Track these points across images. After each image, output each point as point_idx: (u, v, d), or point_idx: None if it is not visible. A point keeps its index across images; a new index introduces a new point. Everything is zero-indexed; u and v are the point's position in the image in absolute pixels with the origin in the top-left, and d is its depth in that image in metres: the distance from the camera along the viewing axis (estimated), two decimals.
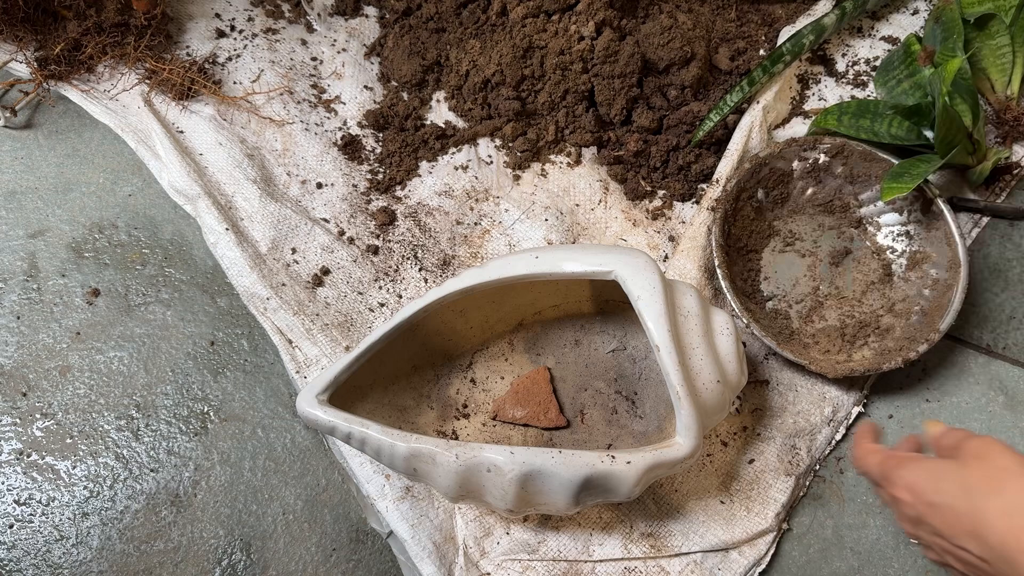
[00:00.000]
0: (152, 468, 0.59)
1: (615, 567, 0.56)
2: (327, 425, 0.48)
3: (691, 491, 0.58)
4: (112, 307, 0.65)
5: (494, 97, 0.73)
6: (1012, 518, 0.36)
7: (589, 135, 0.72)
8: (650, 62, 0.72)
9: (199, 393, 0.62)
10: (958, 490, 0.39)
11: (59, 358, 0.62)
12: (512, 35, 0.71)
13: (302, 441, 0.61)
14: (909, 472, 0.42)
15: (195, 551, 0.57)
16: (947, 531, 0.39)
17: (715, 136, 0.71)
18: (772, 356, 0.64)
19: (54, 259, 0.66)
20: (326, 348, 0.62)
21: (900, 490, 0.43)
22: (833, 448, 0.61)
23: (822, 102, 0.75)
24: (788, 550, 0.58)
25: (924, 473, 0.42)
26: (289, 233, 0.67)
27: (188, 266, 0.67)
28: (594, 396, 0.59)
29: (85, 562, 0.56)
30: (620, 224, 0.70)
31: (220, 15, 0.80)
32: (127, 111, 0.72)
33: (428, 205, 0.71)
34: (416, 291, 0.66)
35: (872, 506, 0.60)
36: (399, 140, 0.74)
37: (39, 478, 0.58)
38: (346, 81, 0.78)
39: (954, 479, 0.40)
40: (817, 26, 0.73)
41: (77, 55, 0.73)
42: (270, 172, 0.71)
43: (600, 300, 0.61)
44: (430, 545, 0.55)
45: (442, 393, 0.59)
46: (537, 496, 0.46)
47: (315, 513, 0.59)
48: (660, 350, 0.47)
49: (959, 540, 0.39)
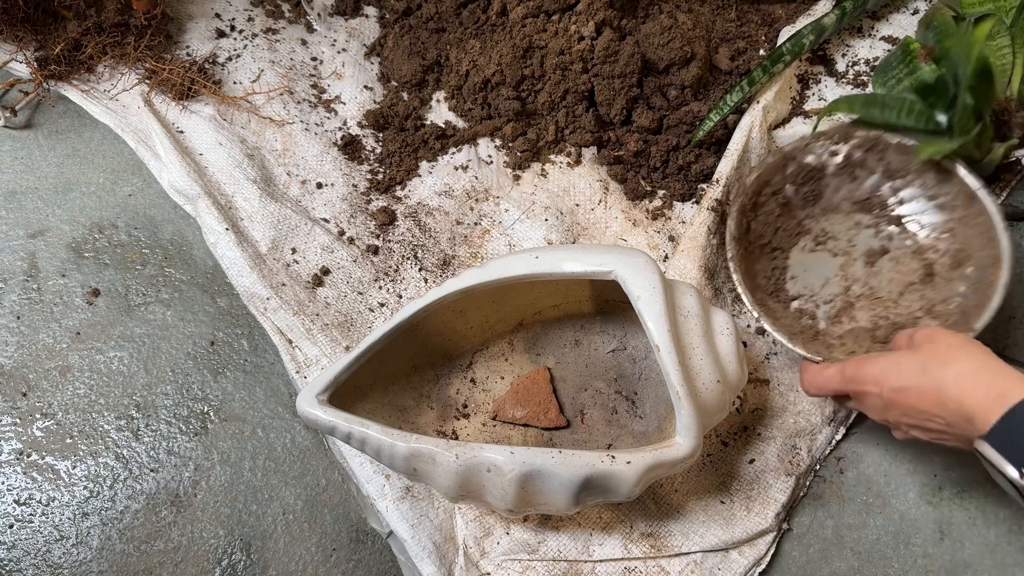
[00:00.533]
0: (152, 468, 0.59)
1: (615, 567, 0.56)
2: (327, 425, 0.48)
3: (691, 491, 0.58)
4: (112, 307, 0.65)
5: (494, 97, 0.73)
6: (963, 383, 0.44)
7: (589, 135, 0.72)
8: (650, 62, 0.72)
9: (199, 393, 0.62)
10: (918, 371, 0.46)
11: (59, 358, 0.62)
12: (512, 35, 0.71)
13: (302, 441, 0.61)
14: (872, 367, 0.49)
15: (195, 551, 0.57)
16: (915, 407, 0.46)
17: (715, 136, 0.71)
18: (773, 356, 0.64)
19: (54, 259, 0.66)
20: (326, 348, 0.62)
21: (867, 384, 0.49)
22: (833, 448, 0.61)
23: (822, 102, 0.75)
24: (788, 550, 0.58)
25: (885, 364, 0.48)
26: (289, 233, 0.67)
27: (188, 266, 0.67)
28: (594, 396, 0.59)
29: (85, 562, 0.56)
30: (620, 224, 0.70)
31: (220, 15, 0.80)
32: (127, 111, 0.72)
33: (428, 205, 0.71)
34: (416, 291, 0.66)
35: (872, 506, 0.60)
36: (399, 140, 0.74)
37: (39, 478, 0.58)
38: (346, 81, 0.78)
39: (912, 363, 0.46)
40: (817, 26, 0.73)
41: (77, 55, 0.73)
42: (270, 172, 0.71)
43: (600, 300, 0.61)
44: (430, 545, 0.55)
45: (442, 393, 0.59)
46: (537, 496, 0.46)
47: (315, 513, 0.59)
48: (660, 350, 0.47)
49: (927, 413, 0.45)
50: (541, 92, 0.72)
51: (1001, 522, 0.59)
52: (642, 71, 0.72)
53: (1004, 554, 0.58)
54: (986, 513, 0.59)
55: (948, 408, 0.44)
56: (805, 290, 0.64)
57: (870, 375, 0.49)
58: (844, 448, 0.62)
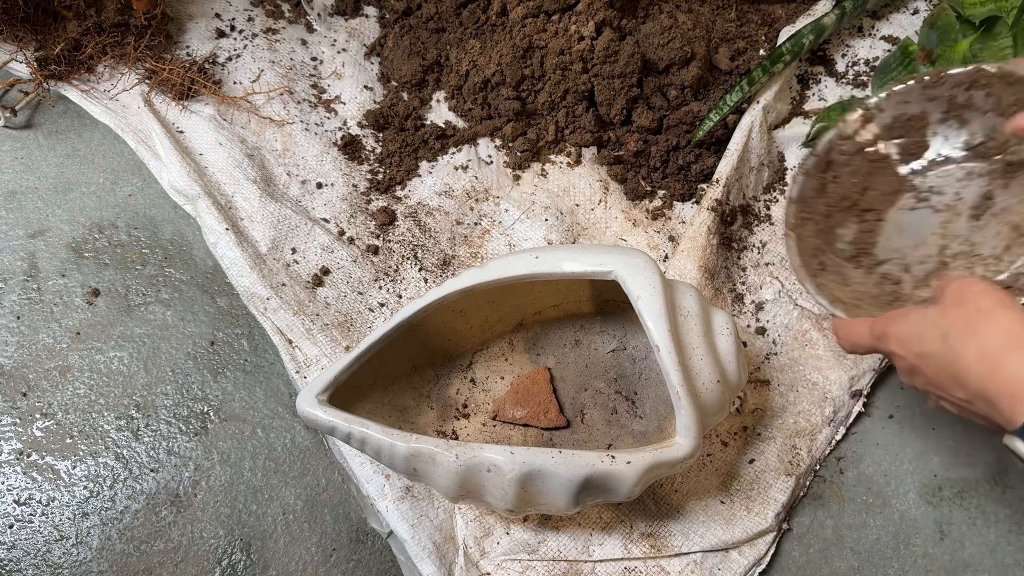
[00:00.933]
0: (152, 468, 0.59)
1: (615, 567, 0.56)
2: (327, 425, 0.48)
3: (691, 491, 0.58)
4: (112, 307, 0.65)
5: (494, 97, 0.73)
6: (986, 360, 0.37)
7: (589, 135, 0.72)
8: (650, 62, 0.72)
9: (199, 393, 0.62)
10: (939, 338, 0.39)
11: (59, 358, 0.62)
12: (512, 35, 0.71)
13: (302, 441, 0.61)
14: (898, 327, 0.43)
15: (195, 551, 0.57)
16: (934, 379, 0.40)
17: (715, 136, 0.71)
18: (773, 356, 0.64)
19: (54, 259, 0.66)
20: (326, 348, 0.62)
21: (892, 345, 0.43)
22: (833, 448, 0.61)
23: (822, 102, 0.75)
24: (788, 550, 0.58)
25: (910, 326, 0.42)
26: (289, 233, 0.67)
27: (188, 266, 0.67)
28: (594, 396, 0.59)
29: (85, 562, 0.56)
30: (620, 224, 0.70)
31: (220, 15, 0.80)
32: (127, 111, 0.72)
33: (428, 205, 0.71)
34: (416, 291, 0.66)
35: (872, 506, 0.60)
36: (399, 140, 0.74)
37: (39, 478, 0.58)
38: (346, 81, 0.78)
39: (935, 327, 0.40)
40: (817, 26, 0.73)
41: (77, 55, 0.73)
42: (270, 172, 0.71)
43: (600, 300, 0.61)
44: (430, 545, 0.55)
45: (442, 393, 0.59)
46: (537, 496, 0.46)
47: (315, 513, 0.59)
48: (660, 350, 0.47)
49: (945, 387, 0.40)
50: (541, 92, 0.72)
51: (1001, 522, 0.59)
52: (642, 71, 0.72)
53: (1004, 554, 0.58)
54: (986, 513, 0.59)
55: (969, 388, 0.38)
56: (895, 253, 0.57)
57: (895, 336, 0.43)
58: (844, 448, 0.62)
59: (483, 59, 0.73)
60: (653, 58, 0.72)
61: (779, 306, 0.66)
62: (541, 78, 0.72)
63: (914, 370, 0.42)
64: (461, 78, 0.74)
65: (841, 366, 0.63)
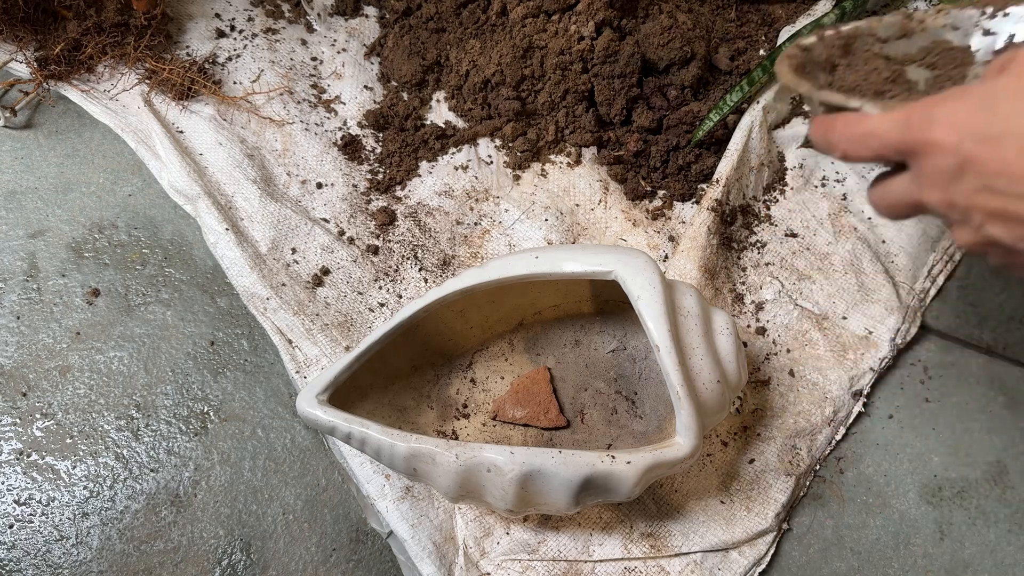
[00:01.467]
0: (152, 468, 0.59)
1: (615, 567, 0.56)
2: (327, 425, 0.48)
3: (691, 491, 0.58)
4: (112, 307, 0.65)
5: (494, 97, 0.73)
6: None
7: (589, 135, 0.72)
8: (650, 62, 0.72)
9: (199, 393, 0.62)
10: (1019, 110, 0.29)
11: (59, 358, 0.62)
12: (512, 35, 0.71)
13: (302, 441, 0.61)
14: (951, 105, 0.32)
15: (195, 551, 0.57)
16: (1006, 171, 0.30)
17: (715, 136, 0.71)
18: (773, 356, 0.64)
19: (54, 259, 0.66)
20: (326, 348, 0.62)
21: (937, 131, 0.32)
22: (833, 448, 0.61)
23: None
24: (788, 550, 0.58)
25: (973, 101, 0.31)
26: (289, 233, 0.67)
27: (188, 266, 0.67)
28: (594, 396, 0.59)
29: (85, 562, 0.56)
30: (620, 224, 0.70)
31: (220, 15, 0.80)
32: (127, 111, 0.72)
33: (428, 205, 0.71)
34: (416, 291, 0.66)
35: (872, 506, 0.60)
36: (399, 140, 0.74)
37: (39, 478, 0.58)
38: (346, 81, 0.78)
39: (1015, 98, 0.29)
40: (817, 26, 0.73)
41: (77, 55, 0.73)
42: (270, 172, 0.71)
43: (600, 300, 0.61)
44: (430, 545, 0.55)
45: (442, 393, 0.59)
46: (537, 496, 0.46)
47: (315, 513, 0.59)
48: (660, 350, 0.47)
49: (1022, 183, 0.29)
50: (541, 92, 0.72)
51: (1001, 522, 0.59)
52: (642, 71, 0.72)
53: (1004, 554, 0.58)
54: (986, 513, 0.59)
55: None
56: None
57: (945, 117, 0.32)
58: (844, 448, 0.62)
59: (483, 59, 0.73)
60: (653, 58, 0.72)
61: (779, 306, 0.66)
62: (541, 78, 0.72)
63: (965, 167, 0.31)
64: (461, 78, 0.74)
65: (841, 366, 0.63)
